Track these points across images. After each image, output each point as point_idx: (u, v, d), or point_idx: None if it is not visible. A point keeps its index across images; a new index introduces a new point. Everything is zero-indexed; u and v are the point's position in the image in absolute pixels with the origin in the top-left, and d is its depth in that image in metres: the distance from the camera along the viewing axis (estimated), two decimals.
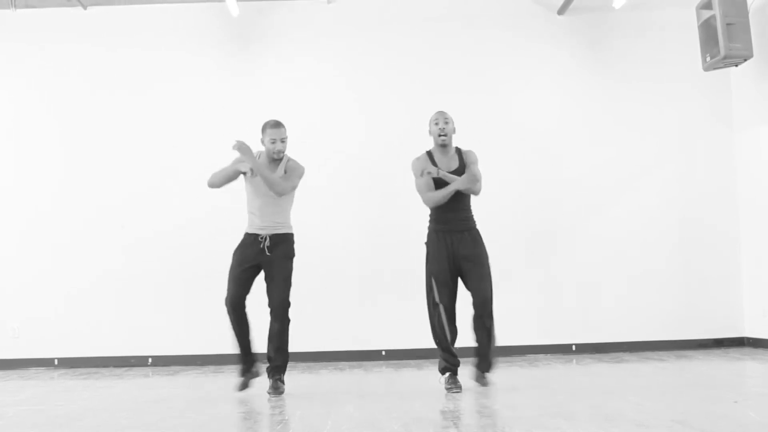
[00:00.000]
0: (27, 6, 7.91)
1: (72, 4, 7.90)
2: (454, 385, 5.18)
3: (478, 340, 5.29)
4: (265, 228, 5.31)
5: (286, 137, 5.35)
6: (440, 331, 5.27)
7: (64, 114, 7.89)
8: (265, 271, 5.32)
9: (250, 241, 5.33)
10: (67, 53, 7.93)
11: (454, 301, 5.31)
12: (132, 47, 7.93)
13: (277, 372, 5.32)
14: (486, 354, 5.29)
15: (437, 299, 5.25)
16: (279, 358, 5.31)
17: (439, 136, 5.30)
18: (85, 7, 7.92)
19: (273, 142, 5.30)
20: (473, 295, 5.25)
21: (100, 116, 7.87)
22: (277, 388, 5.24)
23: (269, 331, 5.29)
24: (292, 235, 5.40)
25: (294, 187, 5.38)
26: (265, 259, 5.27)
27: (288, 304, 5.26)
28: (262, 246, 5.27)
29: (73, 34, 7.95)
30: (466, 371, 5.34)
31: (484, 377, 5.31)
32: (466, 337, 5.33)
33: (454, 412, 4.42)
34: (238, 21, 7.87)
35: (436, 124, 5.32)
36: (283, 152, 5.35)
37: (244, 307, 5.29)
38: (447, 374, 5.28)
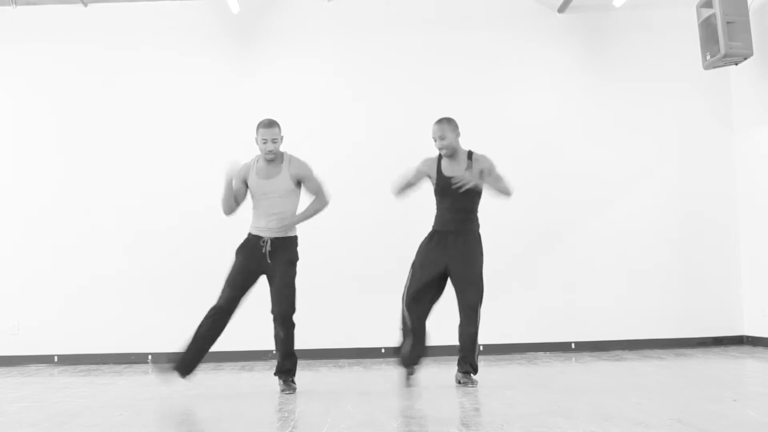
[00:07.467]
0: (27, 3, 7.91)
1: (72, 1, 7.89)
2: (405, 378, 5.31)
3: (462, 344, 5.32)
4: (268, 230, 5.22)
5: (279, 137, 5.23)
6: (403, 327, 5.35)
7: (64, 111, 7.88)
8: (267, 277, 5.23)
9: (253, 244, 5.24)
10: (67, 50, 7.92)
11: (428, 304, 5.33)
12: (132, 44, 7.92)
13: (288, 375, 5.32)
14: (470, 357, 5.32)
15: (405, 299, 5.32)
16: (288, 363, 5.31)
17: (440, 150, 5.35)
18: (85, 4, 7.91)
19: (264, 142, 5.19)
20: (459, 301, 5.28)
21: (100, 114, 7.87)
22: (289, 386, 5.26)
23: (275, 338, 5.26)
24: (295, 238, 5.31)
25: (321, 185, 5.37)
26: (267, 264, 5.18)
27: (293, 311, 5.19)
28: (263, 251, 5.19)
29: (73, 31, 7.94)
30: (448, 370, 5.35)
31: (470, 378, 5.30)
32: (453, 338, 5.38)
33: (454, 409, 4.43)
34: (238, 18, 7.87)
35: (435, 140, 5.35)
36: (275, 152, 5.22)
37: (231, 313, 5.17)
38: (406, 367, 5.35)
